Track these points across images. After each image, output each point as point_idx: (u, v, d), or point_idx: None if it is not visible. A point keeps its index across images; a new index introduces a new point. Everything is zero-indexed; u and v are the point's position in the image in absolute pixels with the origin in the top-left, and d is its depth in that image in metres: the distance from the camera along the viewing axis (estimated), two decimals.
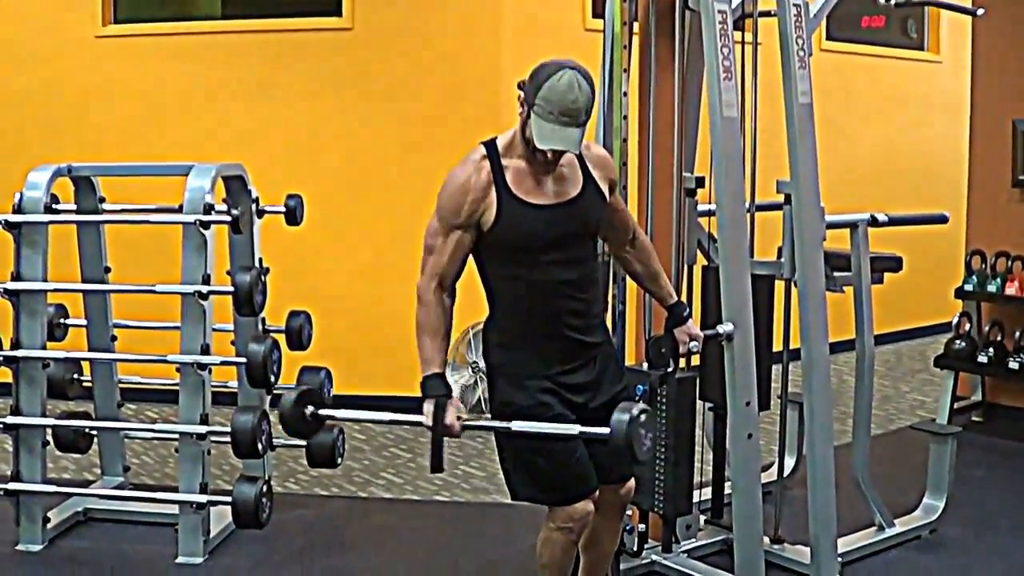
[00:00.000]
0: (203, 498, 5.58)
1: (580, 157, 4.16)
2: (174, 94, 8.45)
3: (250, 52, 8.42)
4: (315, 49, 8.37)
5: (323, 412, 4.30)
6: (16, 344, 5.66)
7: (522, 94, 3.99)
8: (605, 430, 3.88)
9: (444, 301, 4.11)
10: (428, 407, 4.07)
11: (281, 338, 5.98)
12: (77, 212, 6.06)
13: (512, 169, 4.07)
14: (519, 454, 4.18)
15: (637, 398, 4.77)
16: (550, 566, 4.38)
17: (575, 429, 4.00)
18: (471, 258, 4.18)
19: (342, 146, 8.42)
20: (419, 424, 4.09)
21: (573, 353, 4.19)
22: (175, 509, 5.67)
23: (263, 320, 6.07)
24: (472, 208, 4.02)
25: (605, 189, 4.23)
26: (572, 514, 4.19)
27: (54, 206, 5.71)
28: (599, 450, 4.22)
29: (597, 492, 4.25)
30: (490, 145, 4.12)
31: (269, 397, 6.13)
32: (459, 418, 4.07)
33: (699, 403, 5.24)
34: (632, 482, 4.45)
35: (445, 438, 4.11)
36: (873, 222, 5.65)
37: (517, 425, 4.02)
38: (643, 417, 3.85)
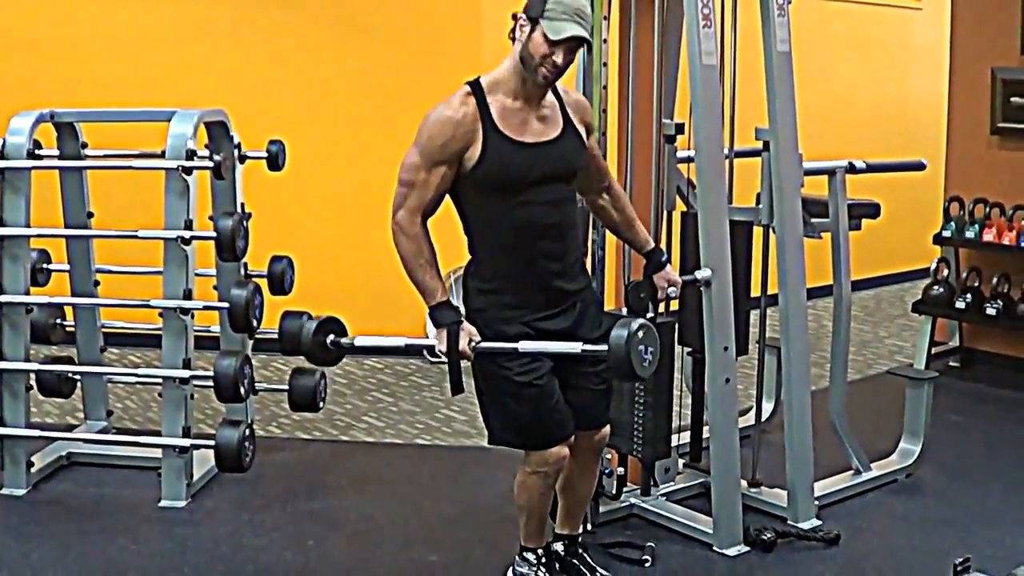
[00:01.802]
0: (186, 442, 5.62)
1: (560, 100, 4.21)
2: (155, 39, 8.41)
3: None
4: None
5: (344, 341, 4.39)
6: None
7: (521, 17, 4.04)
8: (604, 346, 3.93)
9: (426, 232, 4.15)
10: (441, 334, 4.15)
11: (263, 283, 5.99)
12: (60, 158, 6.05)
13: (497, 106, 4.10)
14: (497, 398, 4.23)
15: None
16: (527, 508, 4.45)
17: (576, 347, 4.05)
18: (452, 202, 4.22)
19: (324, 91, 8.41)
20: (432, 348, 4.20)
21: (552, 299, 4.22)
22: (158, 453, 5.71)
23: (245, 265, 6.09)
24: (458, 143, 4.05)
25: (583, 133, 4.27)
26: (547, 458, 4.24)
27: (37, 152, 5.71)
28: (575, 396, 4.28)
29: (572, 438, 4.30)
30: (475, 84, 4.14)
31: (251, 342, 6.16)
32: (471, 342, 4.12)
33: (678, 348, 5.29)
34: (607, 428, 4.50)
35: (462, 361, 4.18)
36: (851, 169, 5.67)
37: (524, 345, 4.07)
38: (641, 333, 3.89)
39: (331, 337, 4.41)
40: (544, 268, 4.18)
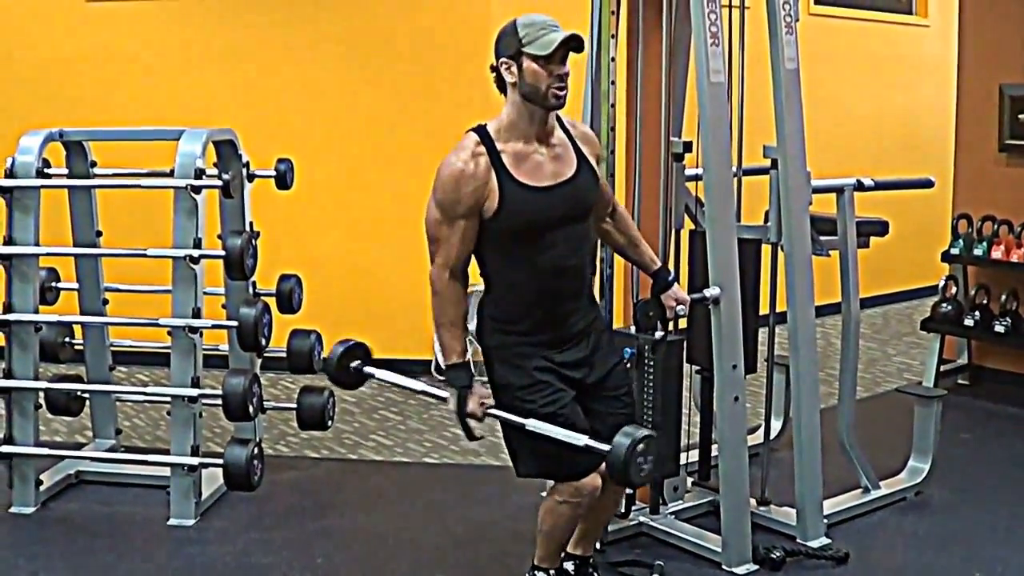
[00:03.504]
0: (195, 460, 5.62)
1: (569, 135, 4.21)
2: (164, 58, 8.44)
3: (240, 17, 8.41)
4: (305, 12, 8.36)
5: (367, 370, 4.54)
6: (8, 308, 5.68)
7: (504, 61, 4.04)
8: (607, 447, 3.92)
9: (457, 288, 4.15)
10: (452, 395, 4.21)
11: (272, 301, 6.00)
12: (69, 176, 6.07)
13: (509, 153, 4.07)
14: (524, 433, 4.19)
15: (625, 361, 4.81)
16: (551, 534, 4.42)
17: (582, 440, 4.01)
18: None
19: (332, 110, 8.42)
20: (445, 399, 4.29)
21: (567, 335, 4.22)
22: (167, 471, 5.70)
23: (254, 284, 6.09)
24: (473, 198, 4.02)
25: (595, 165, 4.27)
26: (580, 489, 4.22)
27: (46, 170, 5.73)
28: (599, 423, 4.25)
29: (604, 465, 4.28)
30: (481, 131, 4.11)
31: (260, 360, 6.16)
32: (482, 404, 4.18)
33: (686, 366, 5.28)
34: None
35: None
36: (859, 186, 5.67)
37: (531, 424, 4.07)
38: (643, 445, 3.87)
39: (356, 363, 4.47)
40: (560, 308, 4.19)
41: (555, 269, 4.12)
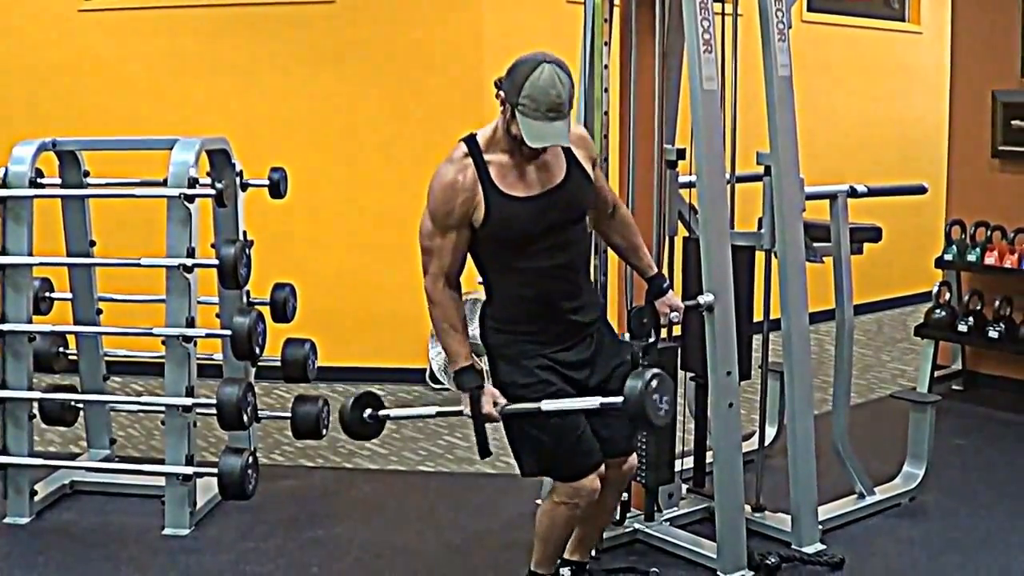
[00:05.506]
0: (189, 470, 5.61)
1: None
2: (157, 68, 8.43)
3: (234, 26, 8.40)
4: (298, 23, 8.35)
5: (381, 413, 4.52)
6: (2, 318, 5.67)
7: (502, 93, 4.01)
8: (619, 399, 3.95)
9: (453, 295, 4.18)
10: (465, 399, 4.20)
11: (266, 310, 5.99)
12: (62, 186, 6.06)
13: (495, 164, 4.10)
14: (525, 431, 4.23)
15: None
16: (548, 538, 4.44)
17: (595, 402, 4.06)
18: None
19: (326, 119, 8.41)
20: (461, 412, 4.25)
21: (569, 333, 4.24)
22: (161, 481, 5.70)
23: (248, 293, 6.09)
24: (463, 208, 4.07)
25: (588, 168, 4.26)
26: (579, 490, 4.23)
27: (39, 180, 5.72)
28: (600, 424, 4.27)
29: (603, 467, 4.29)
30: (471, 142, 4.14)
31: (254, 369, 6.16)
32: (495, 404, 4.16)
33: (681, 373, 5.28)
34: (634, 458, 4.49)
35: (487, 425, 4.22)
36: (852, 193, 5.68)
37: (547, 405, 4.08)
38: (655, 383, 3.91)
39: (368, 411, 4.48)
40: (559, 306, 4.20)
41: (548, 270, 4.15)
